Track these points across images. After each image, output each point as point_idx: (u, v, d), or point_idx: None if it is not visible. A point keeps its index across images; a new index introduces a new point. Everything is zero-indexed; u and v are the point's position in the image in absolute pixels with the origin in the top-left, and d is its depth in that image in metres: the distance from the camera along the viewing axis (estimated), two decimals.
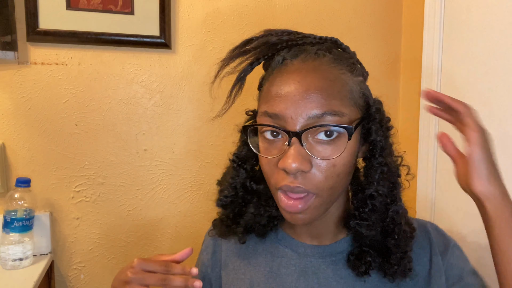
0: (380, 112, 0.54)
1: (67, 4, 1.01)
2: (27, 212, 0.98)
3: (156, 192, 1.14)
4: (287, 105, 0.48)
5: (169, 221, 1.16)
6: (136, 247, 1.14)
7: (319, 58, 0.51)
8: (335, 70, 0.50)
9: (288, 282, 0.57)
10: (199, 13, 1.12)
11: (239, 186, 0.60)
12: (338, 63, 0.51)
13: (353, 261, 0.55)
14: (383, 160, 0.53)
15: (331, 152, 0.48)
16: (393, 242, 0.53)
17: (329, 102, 0.48)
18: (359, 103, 0.52)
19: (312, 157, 0.48)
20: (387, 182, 0.53)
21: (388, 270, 0.54)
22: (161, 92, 1.12)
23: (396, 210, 0.54)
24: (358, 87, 0.52)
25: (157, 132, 1.12)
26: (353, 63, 0.53)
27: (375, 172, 0.53)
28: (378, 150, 0.53)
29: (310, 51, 0.51)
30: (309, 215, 0.50)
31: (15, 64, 1.01)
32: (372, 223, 0.53)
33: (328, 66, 0.50)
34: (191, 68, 1.13)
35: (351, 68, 0.52)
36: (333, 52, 0.53)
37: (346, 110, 0.49)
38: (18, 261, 0.95)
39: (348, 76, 0.51)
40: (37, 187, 1.05)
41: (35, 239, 1.02)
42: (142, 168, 1.12)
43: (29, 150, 1.04)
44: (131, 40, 1.06)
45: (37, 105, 1.03)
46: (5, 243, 0.95)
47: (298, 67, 0.50)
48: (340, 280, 0.56)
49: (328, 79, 0.49)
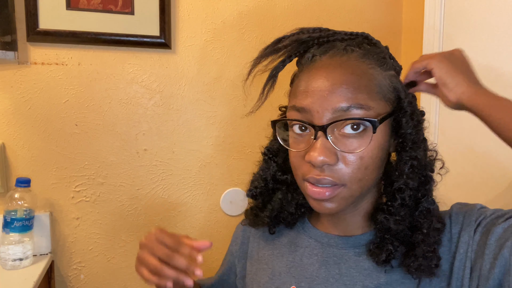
0: (412, 105, 0.54)
1: (67, 4, 1.01)
2: (27, 212, 0.98)
3: (156, 192, 1.14)
4: (313, 99, 0.50)
5: (169, 221, 1.16)
6: (136, 247, 1.14)
7: (347, 54, 0.52)
8: (363, 65, 0.51)
9: (309, 272, 0.58)
10: (199, 13, 1.12)
11: (269, 178, 0.62)
12: (367, 58, 0.52)
13: (373, 250, 0.54)
14: (413, 153, 0.52)
15: (357, 145, 0.49)
16: (421, 237, 0.52)
17: (355, 95, 0.49)
18: (388, 97, 0.52)
19: (338, 150, 0.49)
20: (417, 176, 0.53)
21: (412, 264, 0.51)
22: (161, 92, 1.12)
23: (426, 205, 0.53)
24: (388, 81, 0.52)
25: (157, 132, 1.12)
26: (383, 57, 0.54)
27: (405, 165, 0.52)
28: (409, 143, 0.53)
29: (339, 47, 0.53)
30: (336, 205, 0.51)
31: (15, 64, 1.01)
32: (401, 218, 0.52)
33: (356, 61, 0.51)
34: (191, 68, 1.13)
35: (381, 63, 0.53)
36: (363, 47, 0.54)
37: (373, 104, 0.50)
38: (18, 261, 0.95)
39: (377, 70, 0.52)
40: (37, 187, 1.05)
41: (35, 239, 1.02)
42: (142, 168, 1.12)
43: (29, 150, 1.04)
44: (131, 40, 1.06)
45: (37, 105, 1.03)
46: (5, 243, 0.95)
47: (326, 63, 0.52)
48: (363, 271, 0.55)
49: (355, 73, 0.50)
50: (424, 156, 0.54)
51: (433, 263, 0.51)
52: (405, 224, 0.53)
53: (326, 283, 0.56)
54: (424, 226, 0.52)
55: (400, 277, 0.53)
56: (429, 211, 0.53)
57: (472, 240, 0.51)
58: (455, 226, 0.54)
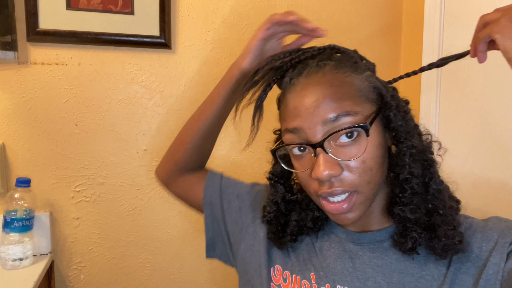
0: (395, 98, 0.55)
1: (67, 4, 1.01)
2: (27, 212, 0.98)
3: (156, 192, 1.14)
4: (302, 118, 0.52)
5: (169, 221, 1.16)
6: (136, 247, 1.14)
7: (321, 69, 0.54)
8: (339, 75, 0.53)
9: (327, 262, 0.60)
10: (199, 13, 1.12)
11: (280, 200, 0.64)
12: (340, 68, 0.54)
13: (398, 240, 0.55)
14: (409, 143, 0.54)
15: (356, 151, 0.51)
16: (439, 218, 0.53)
17: (340, 104, 0.51)
18: (371, 97, 0.54)
19: (339, 160, 0.51)
20: (419, 163, 0.54)
21: (437, 245, 0.52)
22: (161, 92, 1.12)
23: (436, 187, 0.55)
24: (367, 83, 0.54)
25: (157, 132, 1.12)
26: (355, 62, 0.55)
27: (405, 156, 0.54)
28: (403, 134, 0.54)
29: (312, 65, 0.54)
30: (356, 212, 0.53)
31: (15, 64, 1.01)
32: (415, 206, 0.53)
33: (331, 74, 0.53)
34: (191, 68, 1.13)
35: (354, 68, 0.54)
36: (334, 58, 0.55)
37: (359, 108, 0.51)
38: (18, 261, 0.95)
39: (353, 76, 0.53)
40: (37, 187, 1.05)
41: (35, 239, 1.02)
42: (142, 168, 1.12)
43: (29, 150, 1.04)
44: (131, 40, 1.06)
45: (37, 105, 1.03)
46: (5, 243, 0.95)
47: (304, 83, 0.53)
48: (376, 268, 0.56)
49: (334, 85, 0.52)
50: (420, 141, 0.56)
51: (456, 240, 0.52)
52: (421, 211, 0.54)
53: (341, 275, 0.58)
54: (440, 207, 0.54)
55: (414, 280, 0.54)
56: (439, 191, 0.55)
57: (504, 264, 0.50)
58: (487, 243, 0.53)
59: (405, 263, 0.55)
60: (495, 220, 0.55)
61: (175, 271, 1.18)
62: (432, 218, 0.54)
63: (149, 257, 1.16)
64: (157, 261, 1.16)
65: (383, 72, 1.27)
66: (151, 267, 1.16)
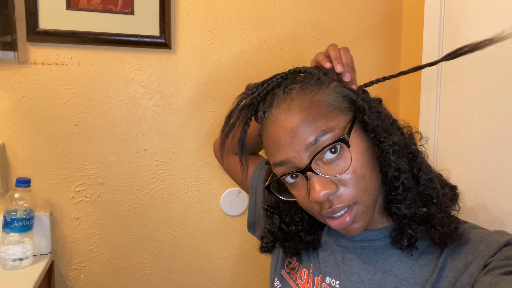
0: (366, 100, 0.56)
1: (67, 4, 1.01)
2: (27, 212, 0.98)
3: (156, 192, 1.14)
4: (285, 149, 0.53)
5: (169, 221, 1.16)
6: (136, 247, 1.14)
7: (288, 95, 0.55)
8: (305, 97, 0.54)
9: (322, 255, 0.64)
10: (199, 13, 1.12)
11: (276, 230, 0.67)
12: (306, 88, 0.55)
13: (394, 238, 0.56)
14: (390, 140, 0.54)
15: (344, 164, 0.52)
16: (434, 207, 0.54)
17: (315, 126, 0.52)
18: (343, 106, 0.54)
19: (331, 177, 0.52)
20: (404, 158, 0.55)
21: (434, 235, 0.53)
22: (161, 92, 1.12)
23: (426, 177, 0.55)
24: (334, 94, 0.55)
25: (157, 132, 1.12)
26: (318, 78, 0.56)
27: (388, 154, 0.54)
28: (382, 133, 0.54)
29: (279, 93, 0.56)
30: (361, 222, 0.54)
31: (15, 64, 1.01)
32: (411, 200, 0.54)
33: (298, 97, 0.54)
34: (191, 68, 1.13)
35: (319, 84, 0.55)
36: (298, 81, 0.56)
37: (334, 123, 0.52)
38: (18, 261, 0.95)
39: (320, 93, 0.54)
40: (37, 187, 1.05)
41: (35, 239, 1.02)
42: (142, 168, 1.12)
43: (29, 150, 1.04)
44: (131, 40, 1.06)
45: (37, 105, 1.04)
46: (5, 243, 0.95)
47: (276, 114, 0.55)
48: (362, 265, 0.58)
49: (304, 108, 0.53)
50: (401, 136, 0.56)
51: (452, 227, 0.53)
52: (417, 205, 0.54)
53: (331, 267, 0.61)
54: (433, 196, 0.54)
55: (396, 281, 0.55)
56: (430, 180, 0.55)
57: (478, 274, 0.49)
58: (473, 254, 0.52)
59: (392, 264, 0.56)
60: (495, 234, 0.53)
61: (175, 271, 1.18)
62: (429, 209, 0.54)
63: (149, 257, 1.16)
64: (157, 261, 1.16)
65: (383, 72, 1.27)
66: (151, 267, 1.16)
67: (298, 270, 0.66)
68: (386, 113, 0.58)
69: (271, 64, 1.18)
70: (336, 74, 0.60)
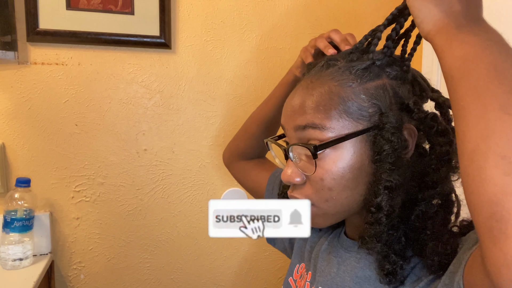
0: (389, 121, 0.47)
1: (67, 4, 1.01)
2: (27, 212, 0.98)
3: (156, 192, 1.14)
4: (285, 117, 0.53)
5: (169, 221, 1.16)
6: (136, 247, 1.14)
7: (321, 72, 0.51)
8: (330, 82, 0.49)
9: (319, 262, 0.60)
10: (199, 13, 1.12)
11: None
12: (338, 74, 0.50)
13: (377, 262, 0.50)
14: (388, 176, 0.47)
15: (313, 167, 0.48)
16: (426, 237, 0.46)
17: (313, 114, 0.48)
18: (361, 113, 0.48)
19: (301, 171, 0.50)
20: (397, 198, 0.47)
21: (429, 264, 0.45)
22: (161, 92, 1.12)
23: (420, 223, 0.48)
24: (363, 96, 0.48)
25: (157, 132, 1.12)
26: (365, 68, 0.49)
27: (377, 188, 0.47)
28: (385, 164, 0.47)
29: (322, 63, 0.53)
30: (320, 220, 0.52)
31: (15, 64, 1.01)
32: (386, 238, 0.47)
33: (324, 78, 0.50)
34: (191, 68, 1.13)
35: (357, 76, 0.49)
36: (348, 59, 0.51)
37: (331, 124, 0.47)
38: (18, 261, 0.95)
39: (345, 86, 0.49)
40: (37, 187, 1.05)
41: (35, 239, 1.02)
42: (142, 168, 1.12)
43: (29, 150, 1.04)
44: (131, 40, 1.06)
45: (37, 105, 1.03)
46: (5, 243, 0.95)
47: (303, 81, 0.53)
48: (355, 279, 0.53)
49: (318, 92, 0.49)
50: (401, 178, 0.47)
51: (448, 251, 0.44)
52: (394, 240, 0.48)
53: (325, 277, 0.57)
54: (428, 227, 0.47)
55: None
56: (426, 216, 0.48)
57: (433, 281, 0.45)
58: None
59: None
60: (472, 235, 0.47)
61: (175, 271, 1.18)
62: (416, 239, 0.48)
63: (149, 257, 1.16)
64: (157, 261, 1.16)
65: None
66: (151, 267, 1.16)
67: (302, 278, 0.64)
68: (405, 149, 0.48)
69: (271, 64, 1.18)
70: (401, 73, 0.51)
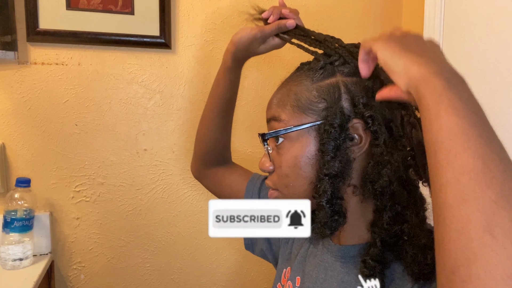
0: (337, 116, 0.51)
1: (67, 4, 1.01)
2: (27, 212, 0.98)
3: (156, 192, 1.14)
4: (267, 109, 0.60)
5: (169, 221, 1.16)
6: (136, 247, 1.14)
7: (291, 75, 0.59)
8: (292, 82, 0.57)
9: (308, 269, 0.62)
10: (199, 13, 1.12)
11: None
12: (300, 74, 0.57)
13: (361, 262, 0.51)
14: (330, 162, 0.51)
15: (274, 156, 0.57)
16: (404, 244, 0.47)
17: (275, 109, 0.56)
18: (310, 107, 0.53)
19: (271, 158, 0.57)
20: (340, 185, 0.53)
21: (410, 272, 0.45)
22: (161, 92, 1.12)
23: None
24: (315, 93, 0.53)
25: (157, 132, 1.12)
26: (320, 68, 0.54)
27: (321, 174, 0.52)
28: (327, 153, 0.51)
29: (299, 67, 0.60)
30: None
31: (15, 64, 1.01)
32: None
33: (290, 79, 0.58)
34: (191, 68, 1.13)
35: (311, 75, 0.55)
36: (311, 63, 0.58)
37: (285, 116, 0.55)
38: (18, 261, 0.95)
39: (301, 85, 0.55)
40: (37, 187, 1.05)
41: (35, 239, 1.02)
42: (142, 168, 1.12)
43: (29, 150, 1.04)
44: (131, 40, 1.06)
45: (37, 105, 1.03)
46: (5, 243, 0.95)
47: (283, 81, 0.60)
48: (341, 284, 0.54)
49: (282, 90, 0.57)
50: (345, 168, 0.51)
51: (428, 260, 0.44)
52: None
53: (314, 283, 0.59)
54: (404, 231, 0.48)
55: None
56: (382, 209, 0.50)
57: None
58: None
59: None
60: None
61: (175, 271, 1.18)
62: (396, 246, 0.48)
63: (149, 257, 1.16)
64: (157, 261, 1.16)
65: None
66: (151, 267, 1.16)
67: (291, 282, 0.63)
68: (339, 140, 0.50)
69: (271, 64, 1.18)
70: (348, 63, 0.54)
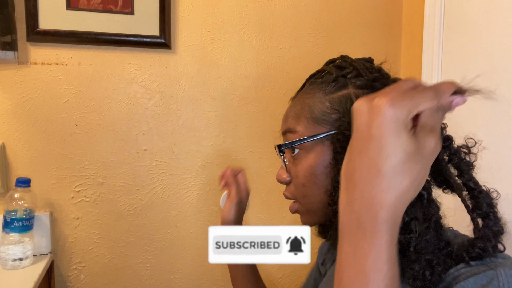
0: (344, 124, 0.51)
1: (67, 4, 1.01)
2: (27, 212, 0.98)
3: (156, 192, 1.14)
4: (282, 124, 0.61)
5: (169, 221, 1.16)
6: (136, 247, 1.14)
7: (305, 87, 0.59)
8: (303, 95, 0.58)
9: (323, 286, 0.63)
10: (199, 13, 1.12)
11: None
12: (313, 88, 0.57)
13: None
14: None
15: (291, 166, 0.57)
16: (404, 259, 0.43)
17: (289, 121, 0.57)
18: (323, 118, 0.54)
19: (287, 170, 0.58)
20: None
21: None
22: (161, 92, 1.12)
23: None
24: (328, 104, 0.54)
25: (157, 132, 1.12)
26: (332, 81, 0.55)
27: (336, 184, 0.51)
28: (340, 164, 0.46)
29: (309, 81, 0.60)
30: (305, 217, 0.58)
31: (15, 64, 1.01)
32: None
33: (304, 93, 0.58)
34: (191, 68, 1.13)
35: (324, 88, 0.55)
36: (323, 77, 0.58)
37: (300, 127, 0.55)
38: (18, 261, 0.95)
39: (314, 97, 0.56)
40: (37, 187, 1.05)
41: (35, 239, 1.02)
42: (142, 168, 1.12)
43: (29, 150, 1.04)
44: (131, 40, 1.06)
45: (37, 105, 1.03)
46: (5, 243, 0.95)
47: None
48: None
49: (296, 104, 0.58)
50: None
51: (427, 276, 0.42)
52: None
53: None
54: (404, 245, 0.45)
55: None
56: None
57: None
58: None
59: None
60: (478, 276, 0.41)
61: (175, 271, 1.18)
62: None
63: (149, 257, 1.16)
64: (157, 261, 1.16)
65: None
66: (151, 267, 1.16)
67: None
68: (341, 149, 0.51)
69: (271, 64, 1.18)
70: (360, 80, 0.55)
